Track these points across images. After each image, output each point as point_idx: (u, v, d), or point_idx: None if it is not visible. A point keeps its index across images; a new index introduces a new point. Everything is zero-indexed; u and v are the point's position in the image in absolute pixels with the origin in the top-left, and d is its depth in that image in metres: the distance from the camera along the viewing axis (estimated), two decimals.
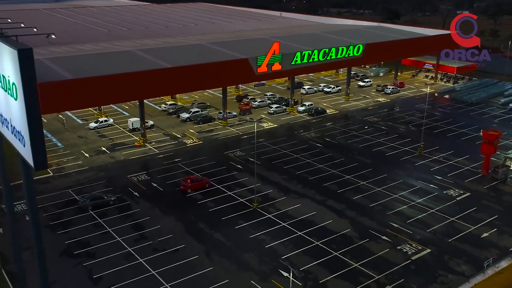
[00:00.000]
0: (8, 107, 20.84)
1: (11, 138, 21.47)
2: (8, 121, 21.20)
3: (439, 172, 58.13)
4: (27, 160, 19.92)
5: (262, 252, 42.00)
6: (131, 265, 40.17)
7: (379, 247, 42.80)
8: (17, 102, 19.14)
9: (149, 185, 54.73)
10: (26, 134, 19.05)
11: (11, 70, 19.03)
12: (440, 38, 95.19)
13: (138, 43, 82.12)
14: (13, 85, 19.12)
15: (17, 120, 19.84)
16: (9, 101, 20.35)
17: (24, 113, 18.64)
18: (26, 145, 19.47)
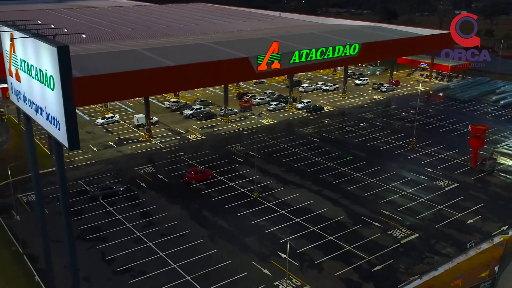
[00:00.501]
0: (43, 97, 24.28)
1: (45, 124, 24.88)
2: (43, 109, 24.63)
3: (430, 165, 61.66)
4: (61, 142, 23.33)
5: (262, 237, 45.45)
6: (141, 248, 43.59)
7: (371, 232, 46.27)
8: (54, 92, 22.58)
9: (155, 176, 58.21)
10: (62, 119, 22.47)
11: (49, 64, 22.47)
12: (435, 37, 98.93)
13: (142, 42, 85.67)
14: (51, 77, 22.56)
15: (53, 108, 23.28)
16: (45, 91, 23.79)
17: (60, 101, 22.07)
18: (61, 129, 22.89)
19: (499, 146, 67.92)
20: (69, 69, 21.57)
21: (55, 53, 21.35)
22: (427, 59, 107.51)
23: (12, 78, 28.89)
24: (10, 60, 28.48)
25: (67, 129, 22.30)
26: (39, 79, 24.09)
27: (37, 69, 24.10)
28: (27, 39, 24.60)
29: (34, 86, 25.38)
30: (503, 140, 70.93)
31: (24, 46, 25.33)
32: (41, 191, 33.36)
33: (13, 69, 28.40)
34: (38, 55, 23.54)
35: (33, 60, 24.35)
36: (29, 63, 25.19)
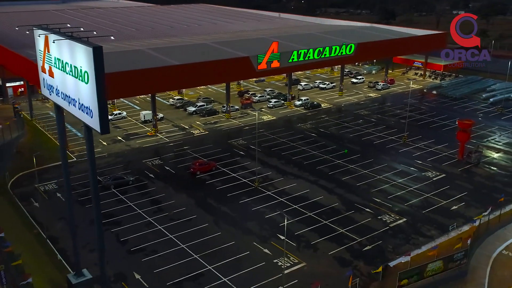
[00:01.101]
0: (77, 90, 28.67)
1: (78, 113, 29.27)
2: (76, 100, 29.02)
3: (419, 157, 66.13)
4: (94, 127, 27.73)
5: (263, 221, 49.85)
6: (151, 231, 48.01)
7: (362, 217, 50.69)
8: (88, 85, 26.97)
9: (163, 168, 62.65)
10: (95, 109, 26.86)
11: (84, 62, 26.85)
12: (428, 38, 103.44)
13: (147, 42, 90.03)
14: (85, 73, 26.96)
15: (86, 99, 27.66)
16: (79, 85, 28.19)
17: (94, 93, 26.46)
18: (93, 117, 27.29)
19: (486, 141, 72.40)
20: (102, 66, 25.98)
21: (90, 53, 25.75)
22: (421, 59, 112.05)
23: (45, 74, 33.27)
24: (43, 59, 32.86)
25: (99, 117, 26.72)
26: (73, 75, 28.49)
27: (71, 66, 28.50)
28: (62, 40, 29.01)
29: (67, 80, 29.78)
30: (491, 135, 75.45)
31: (59, 46, 29.73)
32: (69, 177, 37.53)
33: (46, 67, 32.78)
34: (73, 54, 27.93)
35: (68, 58, 28.74)
36: (63, 61, 29.58)
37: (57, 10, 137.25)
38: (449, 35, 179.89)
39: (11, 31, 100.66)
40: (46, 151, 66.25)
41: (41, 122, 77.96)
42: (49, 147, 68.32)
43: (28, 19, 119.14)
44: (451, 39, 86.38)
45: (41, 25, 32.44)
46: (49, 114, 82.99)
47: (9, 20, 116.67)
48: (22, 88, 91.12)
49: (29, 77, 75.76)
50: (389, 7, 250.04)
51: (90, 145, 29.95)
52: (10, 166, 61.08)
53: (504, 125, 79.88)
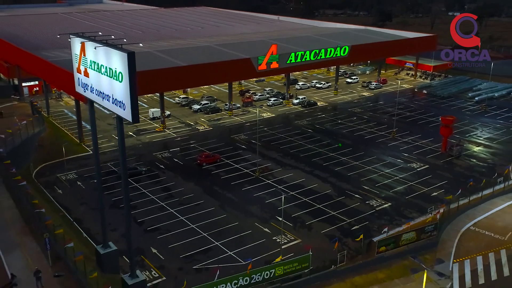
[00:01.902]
0: (111, 87, 34.78)
1: (111, 106, 35.34)
2: (110, 96, 35.14)
3: (406, 151, 72.44)
4: (126, 118, 33.90)
5: (263, 205, 56.04)
6: (164, 213, 54.16)
7: (352, 202, 56.92)
8: (122, 83, 33.05)
9: (171, 160, 68.89)
10: (127, 102, 32.92)
11: (118, 64, 32.96)
12: (419, 40, 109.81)
13: (154, 44, 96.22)
14: (119, 73, 33.07)
15: (119, 95, 33.76)
16: (113, 83, 34.31)
17: (127, 90, 32.54)
18: (126, 109, 33.38)
19: (468, 136, 78.71)
20: (134, 67, 32.18)
21: (125, 57, 31.90)
22: (413, 60, 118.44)
23: (81, 74, 39.41)
24: (79, 62, 39.00)
25: (131, 109, 32.85)
26: (108, 75, 34.65)
27: (107, 67, 34.67)
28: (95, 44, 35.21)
29: (102, 80, 35.94)
30: (473, 130, 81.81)
31: (95, 51, 35.93)
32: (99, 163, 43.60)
33: (81, 68, 38.90)
34: (109, 58, 34.10)
35: (104, 61, 34.89)
36: (99, 63, 35.72)
37: (66, 13, 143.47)
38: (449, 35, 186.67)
39: (25, 33, 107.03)
40: (64, 144, 72.42)
41: (57, 119, 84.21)
42: (66, 141, 74.50)
43: (42, 22, 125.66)
44: (451, 40, 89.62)
45: (77, 33, 38.62)
46: (64, 111, 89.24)
47: (23, 23, 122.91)
48: (37, 88, 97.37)
49: (47, 77, 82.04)
50: (385, 9, 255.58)
51: (121, 134, 36.06)
52: (33, 158, 67.33)
53: (486, 121, 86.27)
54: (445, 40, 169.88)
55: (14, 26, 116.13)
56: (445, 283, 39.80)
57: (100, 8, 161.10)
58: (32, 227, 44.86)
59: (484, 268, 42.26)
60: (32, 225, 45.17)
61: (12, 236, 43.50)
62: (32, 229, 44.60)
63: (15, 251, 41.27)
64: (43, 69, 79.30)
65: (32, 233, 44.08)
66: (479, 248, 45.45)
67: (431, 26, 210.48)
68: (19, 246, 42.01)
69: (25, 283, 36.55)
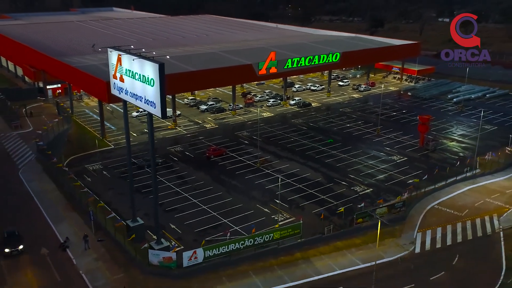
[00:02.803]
0: (144, 90, 42.90)
1: (143, 105, 43.43)
2: (143, 97, 43.24)
3: (388, 145, 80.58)
4: (156, 115, 42.04)
5: (263, 191, 64.09)
6: (180, 197, 62.23)
7: (339, 188, 65.04)
8: (153, 87, 41.25)
9: (183, 153, 77.03)
10: (157, 102, 41.02)
11: (151, 72, 41.10)
12: (404, 47, 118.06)
13: (164, 51, 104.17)
14: (151, 79, 41.23)
15: (151, 96, 41.86)
16: (145, 87, 42.44)
17: (158, 92, 40.65)
18: (156, 108, 41.57)
19: (444, 132, 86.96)
20: (164, 75, 40.40)
21: (157, 67, 40.11)
22: (399, 64, 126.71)
23: (116, 80, 47.60)
24: (115, 69, 47.19)
25: (161, 108, 41.05)
26: (142, 80, 42.84)
27: (140, 75, 42.89)
28: (130, 56, 43.35)
29: (136, 84, 44.12)
30: (449, 128, 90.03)
31: (130, 61, 44.15)
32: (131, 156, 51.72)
33: (117, 75, 47.10)
34: (142, 67, 42.30)
35: (138, 69, 43.06)
36: (133, 71, 43.96)
37: (81, 21, 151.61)
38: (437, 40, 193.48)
39: (47, 40, 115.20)
40: (89, 140, 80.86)
41: (80, 118, 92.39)
42: (90, 137, 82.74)
43: (61, 30, 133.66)
44: (439, 45, 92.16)
45: (115, 47, 46.84)
46: (85, 111, 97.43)
47: (44, 31, 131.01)
48: (59, 90, 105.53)
49: (73, 81, 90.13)
50: (379, 15, 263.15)
51: (151, 127, 44.31)
52: (63, 151, 75.46)
53: (462, 120, 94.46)
54: (433, 45, 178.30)
55: (37, 34, 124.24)
56: (409, 247, 48.09)
57: (112, 16, 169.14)
58: (74, 205, 53.06)
59: (442, 236, 50.55)
60: (74, 203, 53.37)
61: (59, 211, 51.80)
62: (74, 206, 52.81)
63: (63, 222, 49.60)
64: (70, 74, 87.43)
65: (75, 209, 52.29)
66: (439, 221, 53.72)
67: (420, 32, 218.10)
68: (66, 219, 50.33)
69: (75, 245, 44.82)
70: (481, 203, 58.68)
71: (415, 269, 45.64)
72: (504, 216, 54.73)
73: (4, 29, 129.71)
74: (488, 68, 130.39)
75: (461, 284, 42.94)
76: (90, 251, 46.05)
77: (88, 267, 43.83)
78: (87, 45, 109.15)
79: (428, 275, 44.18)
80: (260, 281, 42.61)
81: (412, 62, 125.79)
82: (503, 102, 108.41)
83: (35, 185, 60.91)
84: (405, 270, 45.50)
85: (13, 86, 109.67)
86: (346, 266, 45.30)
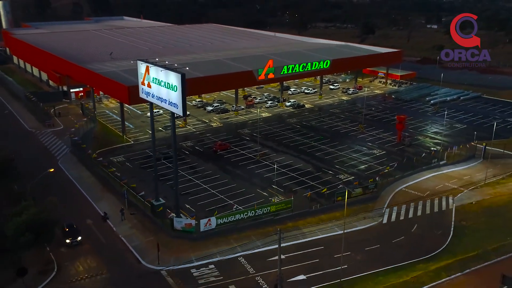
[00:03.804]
0: (168, 94, 53.07)
1: (167, 106, 53.58)
2: (167, 100, 53.41)
3: (370, 141, 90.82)
4: (178, 113, 52.28)
5: (263, 178, 74.17)
6: (192, 183, 72.31)
7: (326, 176, 75.19)
8: (176, 92, 51.51)
9: (193, 148, 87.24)
10: (179, 103, 51.23)
11: (174, 80, 51.31)
12: (387, 55, 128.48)
13: (175, 58, 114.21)
14: (175, 86, 51.52)
15: (174, 98, 52.02)
16: (169, 92, 52.64)
17: (180, 96, 50.88)
18: (178, 108, 51.83)
19: (420, 130, 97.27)
20: (185, 82, 50.68)
21: (179, 77, 50.44)
22: (384, 70, 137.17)
23: (144, 86, 57.79)
24: (144, 77, 57.43)
25: (182, 108, 51.40)
26: (166, 87, 53.09)
27: (165, 82, 53.17)
28: (158, 67, 53.63)
29: (161, 89, 54.35)
30: (425, 126, 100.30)
31: (156, 71, 54.44)
32: (155, 151, 62.06)
33: (145, 82, 57.34)
34: (167, 76, 52.59)
35: (163, 78, 53.33)
36: (159, 79, 54.25)
37: (96, 30, 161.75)
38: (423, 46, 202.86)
39: (68, 48, 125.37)
40: (111, 136, 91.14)
41: (101, 117, 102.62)
42: (113, 134, 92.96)
43: (79, 38, 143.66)
44: (424, 51, 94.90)
45: (142, 59, 57.19)
46: (105, 112, 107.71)
47: (64, 39, 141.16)
48: (81, 93, 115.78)
49: (97, 85, 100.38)
50: (371, 22, 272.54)
51: (173, 126, 54.54)
52: (91, 146, 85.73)
53: (436, 119, 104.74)
54: (419, 52, 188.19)
55: (58, 42, 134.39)
56: (378, 219, 58.57)
57: (123, 25, 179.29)
58: (109, 187, 63.41)
59: (405, 211, 61.01)
60: (108, 186, 63.72)
61: (97, 192, 62.15)
62: (109, 189, 63.15)
63: (101, 201, 60.00)
64: (94, 79, 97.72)
65: (109, 191, 62.62)
66: (405, 200, 64.06)
67: (407, 39, 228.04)
68: (103, 198, 60.72)
69: (113, 217, 55.17)
70: (441, 187, 69.15)
71: (381, 234, 56.07)
72: (457, 197, 65.19)
73: (28, 37, 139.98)
74: (464, 74, 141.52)
75: (416, 245, 53.24)
76: (126, 221, 56.49)
77: (126, 233, 54.24)
78: (105, 53, 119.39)
79: (391, 239, 54.49)
80: (259, 242, 52.91)
81: (396, 67, 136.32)
82: (474, 103, 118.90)
83: (74, 173, 71.28)
84: (374, 235, 55.87)
85: (39, 90, 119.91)
86: (327, 233, 55.69)
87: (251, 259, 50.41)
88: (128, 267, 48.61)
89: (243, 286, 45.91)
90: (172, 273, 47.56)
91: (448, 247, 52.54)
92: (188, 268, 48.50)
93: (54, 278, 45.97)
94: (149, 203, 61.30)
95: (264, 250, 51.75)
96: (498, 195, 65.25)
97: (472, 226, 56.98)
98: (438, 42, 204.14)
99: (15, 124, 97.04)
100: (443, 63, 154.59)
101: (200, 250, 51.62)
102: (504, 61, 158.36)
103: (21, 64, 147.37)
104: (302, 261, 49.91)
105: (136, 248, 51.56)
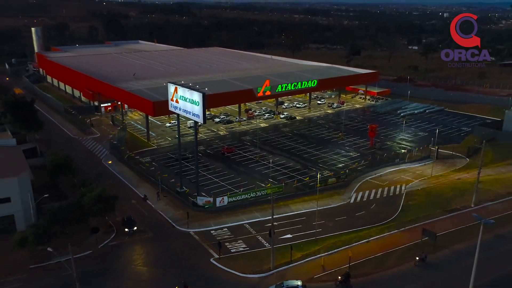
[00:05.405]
0: (192, 108, 69.62)
1: (191, 116, 70.31)
2: (191, 111, 69.99)
3: (348, 146, 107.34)
4: (200, 122, 68.92)
5: (262, 174, 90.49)
6: (206, 177, 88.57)
7: (312, 172, 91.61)
8: (198, 106, 68.20)
9: (205, 151, 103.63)
10: (201, 114, 67.83)
11: (197, 97, 68.02)
12: (366, 75, 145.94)
13: (187, 78, 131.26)
14: (197, 102, 68.22)
15: (196, 111, 68.80)
16: (193, 106, 69.30)
17: (201, 109, 67.53)
18: (200, 117, 68.48)
19: (389, 137, 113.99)
20: (206, 99, 67.43)
21: (201, 95, 67.27)
22: (363, 87, 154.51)
23: (173, 102, 74.53)
24: (173, 95, 74.24)
25: (203, 117, 68.19)
26: (191, 102, 69.89)
27: (190, 99, 69.99)
28: (185, 88, 70.42)
29: (187, 104, 71.10)
30: (393, 134, 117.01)
31: (183, 90, 71.25)
32: (180, 154, 78.78)
33: (174, 98, 74.18)
34: (192, 94, 69.45)
35: (188, 95, 70.16)
36: (185, 96, 71.05)
37: (117, 53, 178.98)
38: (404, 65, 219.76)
39: (97, 69, 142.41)
40: (138, 142, 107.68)
41: (128, 127, 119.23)
42: (139, 140, 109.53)
43: (104, 61, 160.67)
44: (404, 70, 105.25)
45: (173, 82, 74.10)
46: (131, 122, 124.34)
47: (92, 61, 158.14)
48: (110, 107, 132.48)
49: (125, 101, 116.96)
50: (357, 44, 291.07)
51: (196, 131, 71.17)
52: (126, 149, 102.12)
53: (404, 128, 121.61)
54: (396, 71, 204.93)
55: (87, 64, 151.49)
56: (347, 200, 75.29)
57: (140, 48, 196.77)
58: (144, 178, 80.00)
59: (368, 195, 77.56)
60: (144, 178, 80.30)
61: (136, 182, 78.70)
62: (144, 179, 79.73)
63: (140, 187, 76.57)
64: (123, 96, 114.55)
65: (145, 181, 79.18)
66: (368, 188, 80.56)
67: (388, 59, 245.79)
68: (141, 186, 77.31)
69: (150, 199, 71.73)
70: (398, 178, 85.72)
71: (348, 210, 72.51)
72: (408, 185, 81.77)
73: (61, 60, 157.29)
74: (432, 90, 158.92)
75: (373, 217, 69.66)
76: (161, 201, 73.01)
77: (162, 208, 70.79)
78: (128, 73, 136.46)
79: (355, 213, 70.96)
80: (259, 214, 69.41)
81: (374, 85, 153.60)
82: (437, 116, 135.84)
83: (116, 168, 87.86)
84: (343, 210, 72.34)
85: (74, 105, 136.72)
86: (308, 208, 72.22)
87: (253, 224, 66.90)
88: (166, 230, 65.09)
89: (248, 241, 62.30)
90: (197, 233, 64.02)
91: (395, 218, 69.04)
92: (208, 230, 65.00)
93: (115, 237, 62.33)
94: (173, 191, 77.78)
95: (262, 219, 68.23)
96: (439, 183, 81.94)
97: (415, 204, 73.50)
98: (414, 63, 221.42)
99: (60, 132, 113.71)
100: (415, 81, 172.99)
101: (216, 219, 68.14)
102: (466, 79, 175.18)
103: (55, 83, 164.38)
104: (289, 226, 66.37)
105: (170, 218, 68.09)
